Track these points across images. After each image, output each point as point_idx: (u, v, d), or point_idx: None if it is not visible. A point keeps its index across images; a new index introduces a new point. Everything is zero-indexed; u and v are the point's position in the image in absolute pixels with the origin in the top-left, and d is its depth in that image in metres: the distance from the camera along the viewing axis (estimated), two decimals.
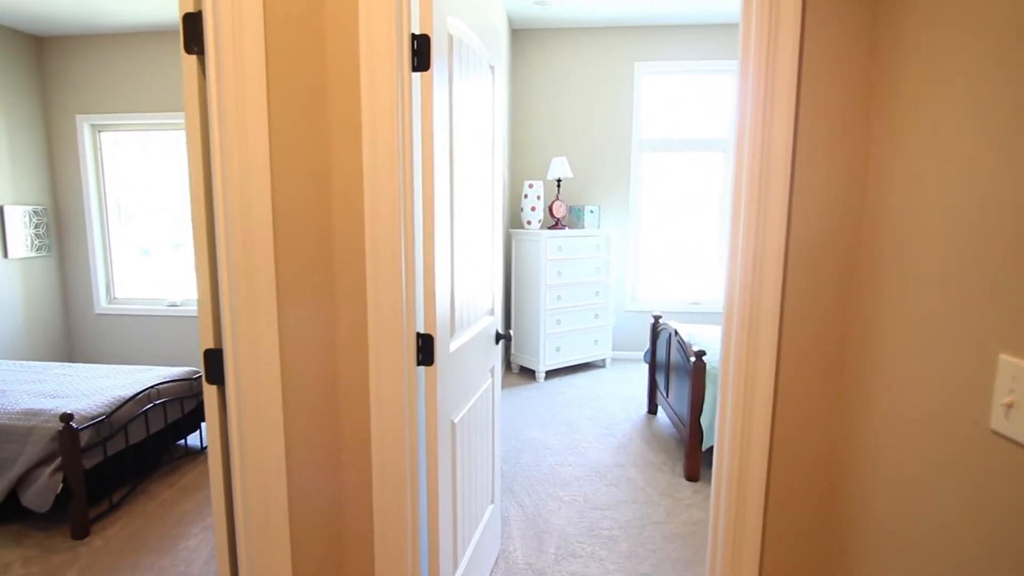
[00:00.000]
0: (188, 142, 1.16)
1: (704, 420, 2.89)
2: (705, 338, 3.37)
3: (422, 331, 1.45)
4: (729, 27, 5.00)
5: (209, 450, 1.25)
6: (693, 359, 2.90)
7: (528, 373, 4.97)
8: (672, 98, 5.19)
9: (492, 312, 2.06)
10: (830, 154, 1.27)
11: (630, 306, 5.42)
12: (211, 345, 1.25)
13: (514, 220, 5.41)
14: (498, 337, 2.10)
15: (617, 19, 4.87)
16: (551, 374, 4.92)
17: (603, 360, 5.20)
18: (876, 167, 1.25)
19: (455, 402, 1.61)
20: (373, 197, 1.31)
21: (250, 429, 1.21)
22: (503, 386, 4.62)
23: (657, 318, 3.91)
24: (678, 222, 5.36)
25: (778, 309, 1.31)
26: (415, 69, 1.28)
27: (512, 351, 5.03)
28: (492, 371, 2.06)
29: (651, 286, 5.47)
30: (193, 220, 1.20)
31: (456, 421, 1.62)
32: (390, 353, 1.36)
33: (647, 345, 5.45)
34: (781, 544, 1.42)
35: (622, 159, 5.23)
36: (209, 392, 1.27)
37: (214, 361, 1.25)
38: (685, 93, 5.18)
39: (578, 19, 4.87)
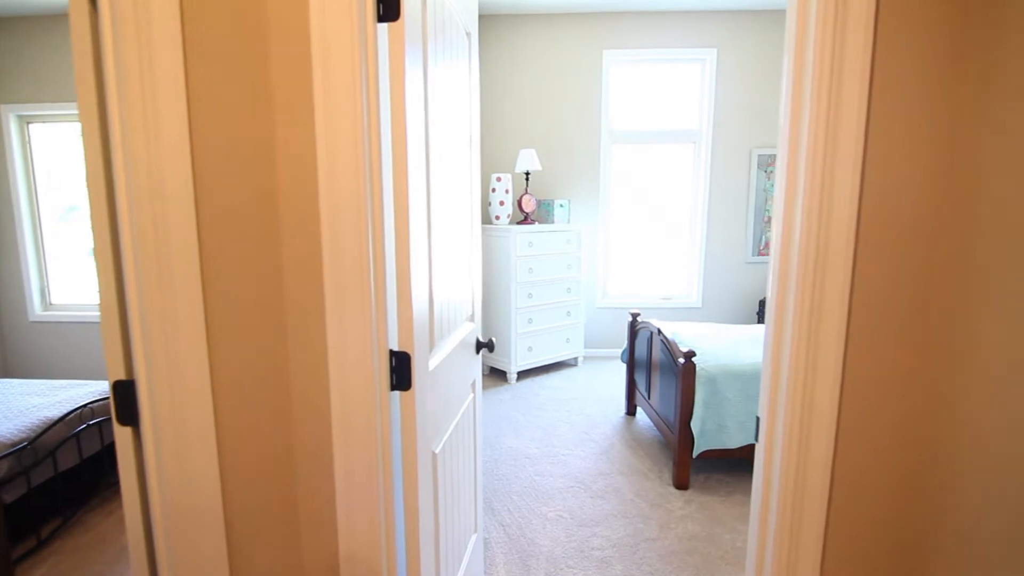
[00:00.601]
0: (81, 119, 0.87)
1: (695, 425, 2.71)
2: (689, 336, 3.21)
3: (396, 348, 1.19)
4: (698, 14, 4.86)
5: (127, 518, 0.96)
6: (682, 360, 2.72)
7: (500, 374, 4.73)
8: (641, 88, 5.03)
9: (472, 318, 1.81)
10: (910, 134, 1.08)
11: (601, 303, 5.25)
12: (121, 375, 0.96)
13: (482, 215, 5.14)
14: (479, 346, 1.85)
15: (585, 4, 4.67)
16: (523, 375, 4.70)
17: (575, 359, 5.02)
18: (967, 146, 1.06)
19: (436, 428, 1.36)
20: (331, 185, 1.04)
21: (173, 491, 0.93)
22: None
23: (635, 316, 3.73)
24: (648, 216, 5.21)
25: (846, 301, 1.11)
26: (381, 19, 1.02)
27: (483, 352, 4.78)
28: (473, 385, 1.82)
29: (622, 282, 5.31)
30: (92, 219, 0.91)
31: (437, 451, 1.36)
32: (357, 379, 1.10)
33: (619, 342, 5.29)
34: (846, 551, 1.23)
35: (591, 151, 5.04)
36: (122, 437, 0.98)
37: (125, 396, 0.96)
38: (654, 83, 5.02)
39: (545, 4, 4.64)
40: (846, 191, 1.08)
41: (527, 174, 4.66)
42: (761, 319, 4.78)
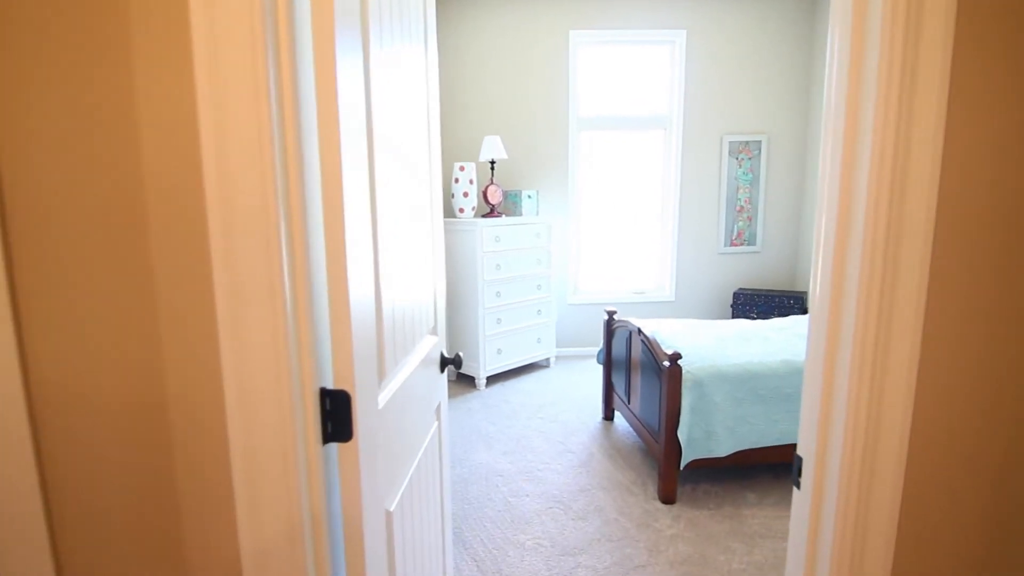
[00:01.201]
0: None
1: (682, 433, 2.48)
2: (669, 335, 2.98)
3: (331, 385, 0.89)
4: None
5: None
6: (667, 363, 2.48)
7: (467, 380, 4.43)
8: (609, 72, 4.78)
9: (435, 330, 1.51)
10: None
11: (572, 299, 5.00)
12: None
13: (444, 207, 4.81)
14: (444, 362, 1.55)
15: None
16: (493, 379, 4.41)
17: (547, 360, 4.76)
18: None
19: (391, 479, 1.06)
20: (221, 161, 0.73)
21: None
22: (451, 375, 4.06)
23: (611, 314, 3.48)
24: (619, 206, 4.99)
25: (924, 290, 0.85)
26: None
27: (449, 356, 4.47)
28: (439, 410, 1.52)
29: (593, 277, 5.07)
30: None
31: (393, 508, 1.07)
32: (269, 432, 0.79)
33: (592, 340, 5.06)
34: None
35: (559, 139, 4.77)
36: None
37: None
38: (622, 66, 4.78)
39: None
40: (922, 192, 0.83)
41: (492, 163, 4.35)
42: (736, 312, 4.62)
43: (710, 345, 2.80)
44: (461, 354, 1.50)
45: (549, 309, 4.59)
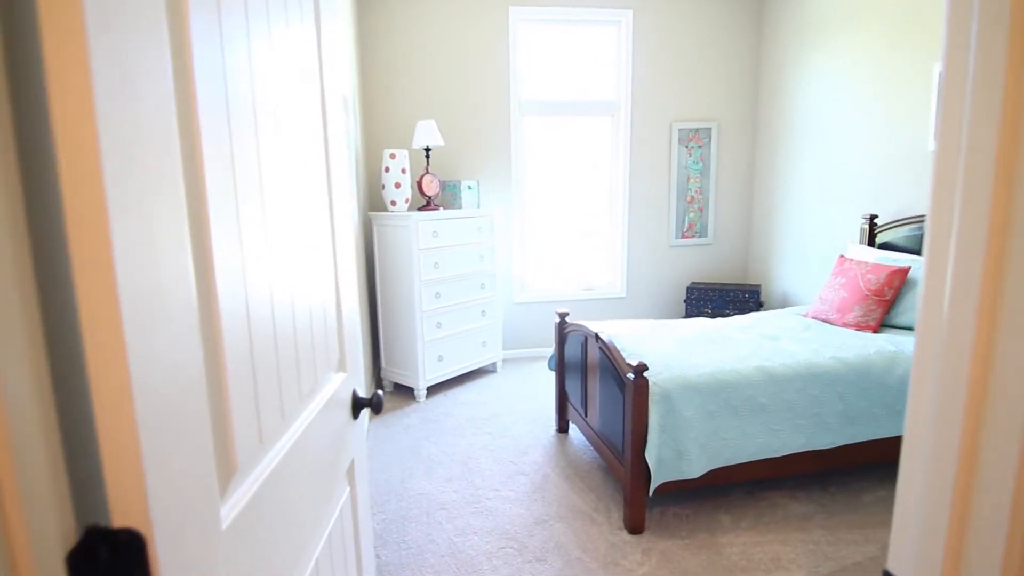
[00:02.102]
0: None
1: (650, 455, 2.17)
2: (628, 339, 2.67)
3: (110, 523, 0.48)
4: None
5: None
6: (632, 376, 2.17)
7: (405, 392, 4.01)
8: (553, 53, 4.44)
9: (343, 365, 1.11)
10: None
11: (519, 298, 4.66)
12: None
13: (374, 200, 4.36)
14: (358, 404, 1.16)
15: None
16: (434, 390, 4.01)
17: (494, 364, 4.40)
18: None
19: None
20: None
21: None
22: (371, 415, 3.62)
23: (563, 316, 3.16)
24: (566, 197, 4.67)
25: None
26: None
27: (383, 365, 4.04)
28: (351, 472, 1.12)
29: (541, 273, 4.75)
30: None
31: None
32: None
33: (541, 341, 4.74)
34: None
35: (501, 124, 4.40)
36: None
37: None
38: (567, 47, 4.45)
39: None
40: None
41: (427, 150, 3.93)
42: (690, 308, 4.41)
43: (673, 350, 2.52)
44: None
45: (494, 309, 4.23)
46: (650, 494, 2.22)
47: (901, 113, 3.26)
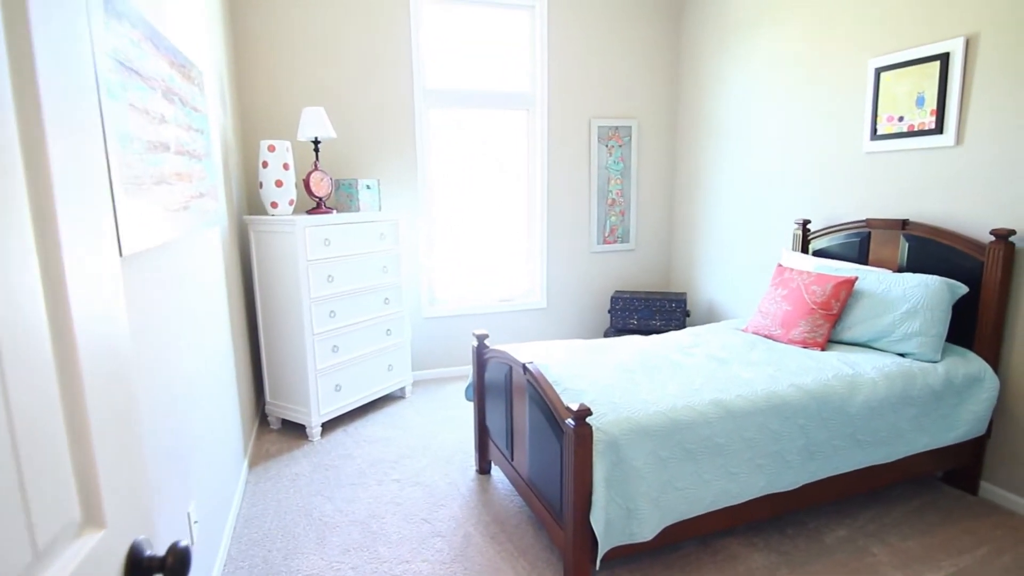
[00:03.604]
0: None
1: (596, 518, 1.77)
2: (559, 367, 2.26)
3: None
4: None
5: None
6: (572, 423, 1.75)
7: (295, 430, 3.38)
8: (461, 38, 3.97)
9: (96, 513, 0.57)
10: None
11: (429, 312, 4.14)
12: None
13: (251, 201, 3.67)
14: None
15: None
16: (332, 425, 3.41)
17: (402, 389, 3.86)
18: None
19: None
20: None
21: None
22: (251, 463, 2.97)
23: (481, 339, 2.70)
24: (480, 199, 4.22)
25: None
26: None
27: (267, 399, 3.38)
28: None
29: (453, 283, 4.26)
30: None
31: None
32: None
33: (455, 358, 4.26)
34: None
35: (403, 116, 3.86)
36: None
37: None
38: (476, 32, 4.00)
39: None
40: None
41: (316, 143, 3.32)
42: (616, 318, 4.11)
43: (616, 383, 2.14)
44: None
45: (401, 327, 3.69)
46: (597, 567, 1.82)
47: (831, 115, 3.11)
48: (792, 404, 2.03)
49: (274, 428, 3.40)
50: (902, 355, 2.38)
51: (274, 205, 3.12)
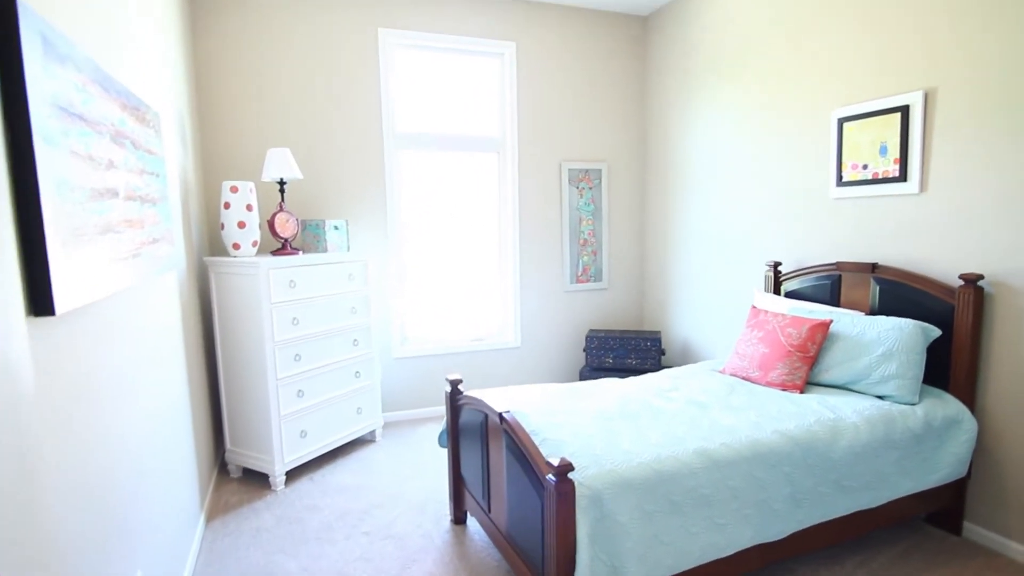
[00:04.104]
0: None
1: None
2: (537, 415, 2.18)
3: None
4: (490, 0, 4.00)
5: None
6: (553, 479, 1.66)
7: (257, 479, 3.18)
8: (432, 83, 3.97)
9: None
10: None
11: (400, 352, 4.02)
12: None
13: (213, 242, 3.54)
14: None
15: None
16: (297, 473, 3.23)
17: (372, 433, 3.70)
18: None
19: None
20: None
21: None
22: (209, 516, 2.76)
23: (455, 384, 2.60)
24: (451, 239, 4.17)
25: None
26: None
27: (227, 446, 3.20)
28: None
29: (424, 323, 4.16)
30: None
31: None
32: None
33: (427, 399, 4.12)
34: None
35: (373, 157, 3.81)
36: None
37: None
38: (447, 77, 4.01)
39: None
40: None
41: (281, 184, 3.23)
42: (591, 357, 4.06)
43: (596, 432, 2.06)
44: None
45: (371, 369, 3.56)
46: None
47: (797, 161, 3.18)
48: (777, 451, 1.98)
49: (235, 477, 3.20)
50: (880, 397, 2.37)
51: (236, 247, 2.99)
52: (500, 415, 2.06)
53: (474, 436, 2.39)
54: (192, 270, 2.89)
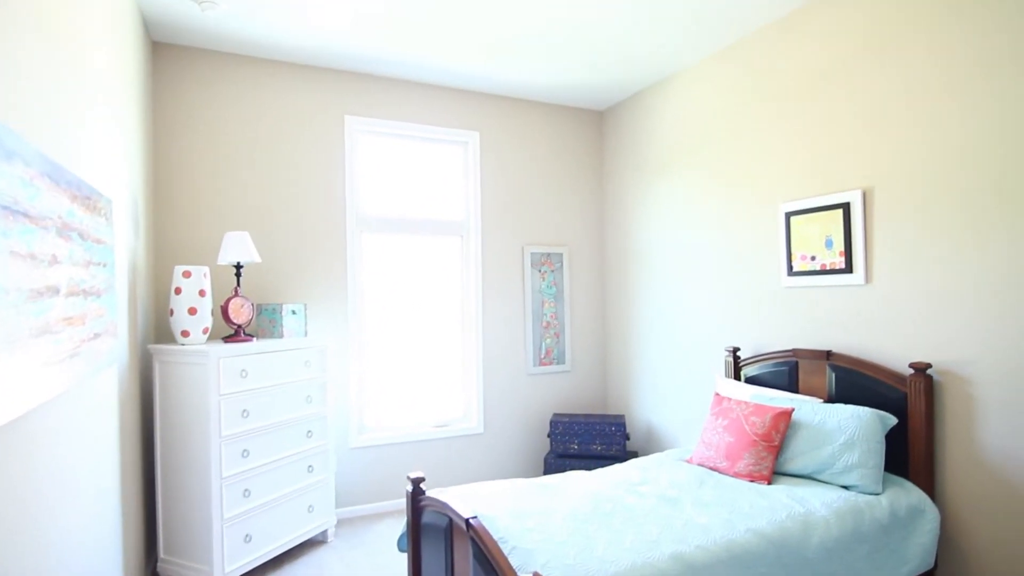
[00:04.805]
0: None
1: None
2: (506, 517, 2.06)
3: None
4: (455, 92, 4.17)
5: None
6: None
7: None
8: (397, 168, 4.04)
9: None
10: None
11: (357, 441, 3.83)
12: None
13: (160, 330, 3.37)
14: None
15: (318, 55, 3.56)
16: None
17: (324, 532, 3.43)
18: None
19: None
20: None
21: None
22: None
23: (417, 483, 2.46)
24: (413, 322, 4.10)
25: None
26: None
27: (160, 555, 2.89)
28: None
29: (384, 409, 4.00)
30: None
31: None
32: None
33: (386, 492, 3.90)
34: None
35: (335, 240, 3.79)
36: None
37: None
38: (412, 163, 4.10)
39: (263, 43, 3.39)
40: None
41: (238, 268, 3.14)
42: (556, 442, 3.95)
43: (568, 537, 1.96)
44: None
45: (325, 462, 3.35)
46: None
47: (750, 250, 3.32)
48: (752, 552, 1.92)
49: None
50: (845, 487, 2.36)
51: (185, 334, 2.85)
52: (467, 522, 1.94)
53: (437, 540, 2.24)
54: (135, 361, 2.72)
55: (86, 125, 1.87)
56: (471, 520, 1.92)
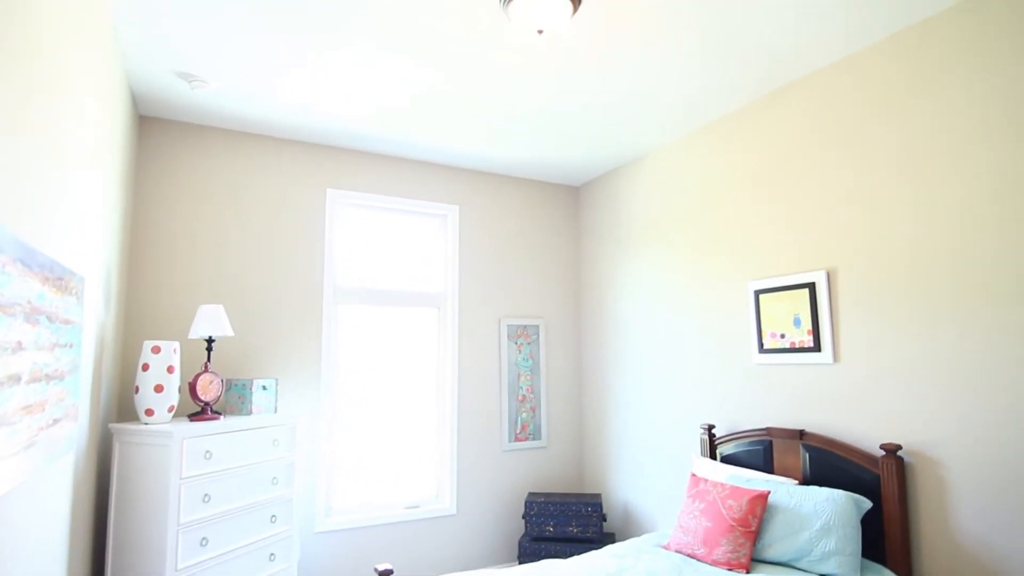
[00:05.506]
0: None
1: None
2: None
3: None
4: (435, 167, 4.32)
5: None
6: None
7: None
8: (376, 240, 4.10)
9: None
10: None
11: (323, 525, 3.65)
12: None
13: (123, 407, 3.25)
14: None
15: (302, 130, 3.69)
16: None
17: None
18: None
19: None
20: None
21: None
22: None
23: (384, 575, 2.35)
24: (386, 394, 4.03)
25: None
26: None
27: None
28: None
29: (353, 489, 3.85)
30: None
31: None
32: None
33: None
34: None
35: (310, 313, 3.77)
36: None
37: None
38: (391, 236, 4.16)
39: (250, 119, 3.50)
40: None
41: (209, 342, 3.09)
42: (531, 525, 3.82)
43: None
44: None
45: (287, 549, 3.18)
46: None
47: (721, 326, 3.39)
48: None
49: None
50: None
51: (149, 413, 2.75)
52: None
53: None
54: (93, 443, 2.60)
55: (65, 202, 1.88)
56: None
